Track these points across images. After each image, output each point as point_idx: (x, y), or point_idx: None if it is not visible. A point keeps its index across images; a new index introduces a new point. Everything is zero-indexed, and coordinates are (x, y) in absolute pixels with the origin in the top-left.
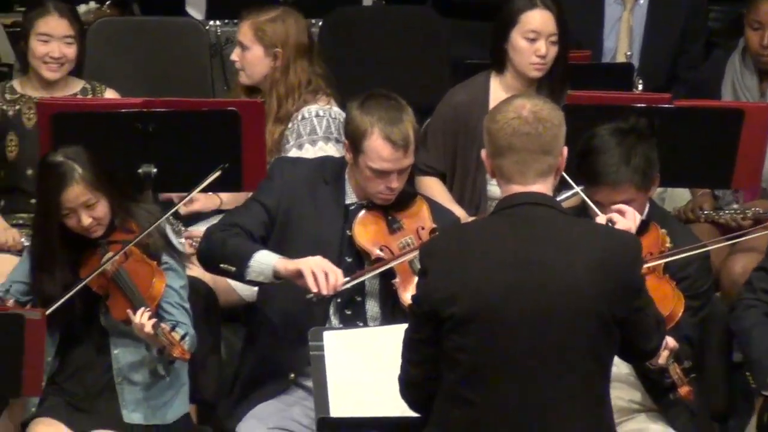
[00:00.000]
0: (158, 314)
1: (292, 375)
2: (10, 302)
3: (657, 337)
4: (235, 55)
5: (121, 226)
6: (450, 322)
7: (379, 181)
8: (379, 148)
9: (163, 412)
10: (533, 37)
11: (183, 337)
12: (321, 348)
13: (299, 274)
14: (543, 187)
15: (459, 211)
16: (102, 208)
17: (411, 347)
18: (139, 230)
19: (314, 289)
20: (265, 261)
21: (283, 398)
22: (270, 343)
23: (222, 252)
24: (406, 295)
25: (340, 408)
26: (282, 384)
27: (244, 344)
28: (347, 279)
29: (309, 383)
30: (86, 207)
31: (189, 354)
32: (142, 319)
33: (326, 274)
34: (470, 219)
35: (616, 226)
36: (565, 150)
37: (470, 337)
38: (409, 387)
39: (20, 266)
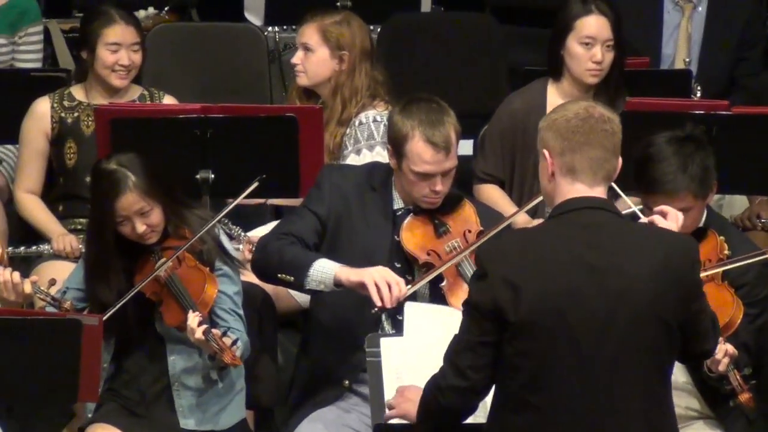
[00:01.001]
0: (212, 320)
1: (347, 382)
2: (67, 304)
3: (713, 337)
4: (296, 58)
5: (174, 232)
6: (512, 327)
7: (423, 185)
8: (420, 151)
9: (218, 418)
10: (589, 43)
11: (234, 343)
12: (377, 354)
13: (362, 286)
14: (603, 192)
15: (521, 217)
16: (156, 216)
17: (472, 350)
18: (192, 236)
19: (378, 303)
20: (325, 269)
21: (338, 405)
22: (324, 350)
23: (279, 262)
24: (454, 299)
25: None
26: (337, 390)
27: (298, 350)
28: (409, 286)
29: (364, 390)
30: (140, 215)
31: (240, 360)
32: (193, 324)
33: (389, 286)
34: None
35: None
36: (620, 160)
37: (532, 343)
38: (464, 393)
39: (76, 273)
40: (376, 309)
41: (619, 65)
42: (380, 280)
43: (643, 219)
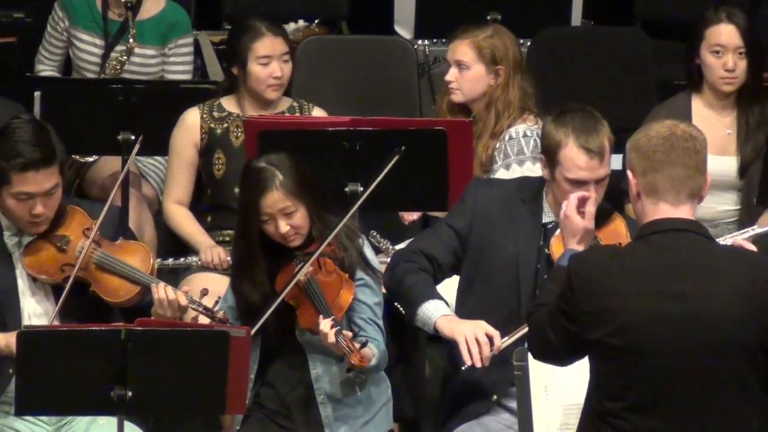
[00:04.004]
0: (350, 329)
1: (495, 396)
2: (220, 313)
3: None
4: (450, 76)
5: (318, 237)
6: (596, 346)
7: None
8: (575, 157)
9: (365, 430)
10: (719, 51)
11: (363, 345)
12: (525, 368)
13: (455, 342)
14: (690, 210)
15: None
16: (300, 217)
17: (542, 343)
18: (336, 244)
19: (468, 362)
20: (430, 315)
21: (486, 419)
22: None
23: (397, 290)
24: None
25: (545, 430)
26: (485, 405)
27: (447, 364)
28: (506, 339)
29: (512, 404)
30: (285, 214)
31: (367, 362)
32: (326, 329)
33: (480, 345)
34: None
35: None
36: (709, 176)
37: (615, 364)
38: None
39: (230, 290)
40: (465, 367)
41: (755, 72)
42: (471, 338)
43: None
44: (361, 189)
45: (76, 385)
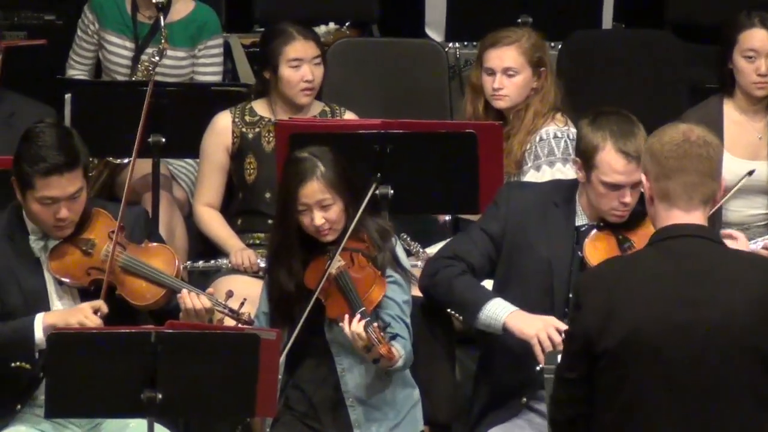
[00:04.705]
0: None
1: (525, 399)
2: (246, 315)
3: None
4: (498, 83)
5: (352, 234)
6: (604, 358)
7: (612, 196)
8: (612, 161)
9: None
10: (752, 56)
11: (393, 338)
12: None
13: (528, 341)
14: (702, 216)
15: None
16: (336, 211)
17: (560, 385)
18: (369, 242)
19: (542, 362)
20: (496, 314)
21: (516, 422)
22: (503, 366)
23: (448, 296)
24: None
25: None
26: (515, 407)
27: (477, 367)
28: None
29: (540, 407)
30: (321, 207)
31: (395, 354)
32: (355, 319)
33: (553, 343)
34: None
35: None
36: (724, 181)
37: (624, 374)
38: (551, 425)
39: (263, 299)
40: (540, 367)
41: None
42: (544, 338)
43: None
44: (392, 192)
45: (106, 388)
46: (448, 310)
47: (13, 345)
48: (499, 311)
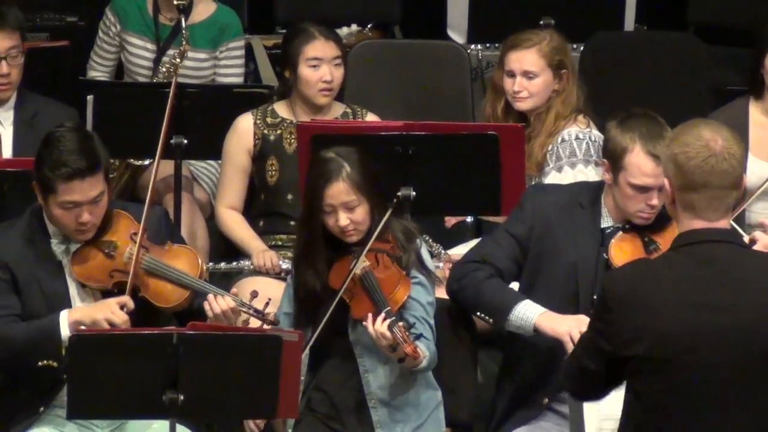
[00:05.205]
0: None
1: (546, 400)
2: (271, 315)
3: None
4: (518, 86)
5: (377, 235)
6: (632, 362)
7: (639, 198)
8: (641, 163)
9: None
10: None
11: (417, 338)
12: None
13: (560, 340)
14: (725, 222)
15: None
16: (361, 213)
17: (579, 375)
18: (394, 242)
19: None
20: (527, 315)
21: (538, 424)
22: (526, 368)
23: (476, 299)
24: None
25: None
26: (536, 409)
27: (500, 369)
28: None
29: (562, 408)
30: (347, 208)
31: (420, 355)
32: (379, 318)
33: None
34: None
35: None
36: (745, 181)
37: (653, 379)
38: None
39: (285, 299)
40: None
41: None
42: (576, 334)
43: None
44: (414, 194)
45: (127, 389)
46: (478, 313)
47: (40, 343)
48: (529, 312)
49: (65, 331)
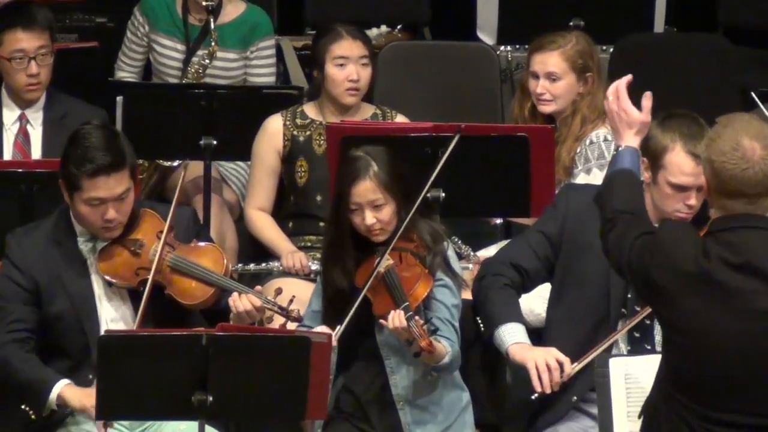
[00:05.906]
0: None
1: (575, 398)
2: (295, 312)
3: None
4: (541, 88)
5: (403, 234)
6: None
7: (677, 198)
8: (681, 162)
9: None
10: None
11: (433, 333)
12: (606, 374)
13: (526, 369)
14: (761, 214)
15: None
16: (388, 212)
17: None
18: (419, 241)
19: (538, 388)
20: (504, 340)
21: (566, 424)
22: None
23: (482, 307)
24: None
25: None
26: (564, 409)
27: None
28: (575, 364)
29: (591, 409)
30: (374, 207)
31: (435, 349)
32: (397, 316)
33: (550, 371)
34: None
35: None
36: None
37: (678, 350)
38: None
39: (314, 297)
40: (536, 394)
41: None
42: (542, 365)
43: None
44: (443, 195)
45: (156, 390)
46: (477, 318)
47: (29, 393)
48: (508, 337)
49: (53, 396)
